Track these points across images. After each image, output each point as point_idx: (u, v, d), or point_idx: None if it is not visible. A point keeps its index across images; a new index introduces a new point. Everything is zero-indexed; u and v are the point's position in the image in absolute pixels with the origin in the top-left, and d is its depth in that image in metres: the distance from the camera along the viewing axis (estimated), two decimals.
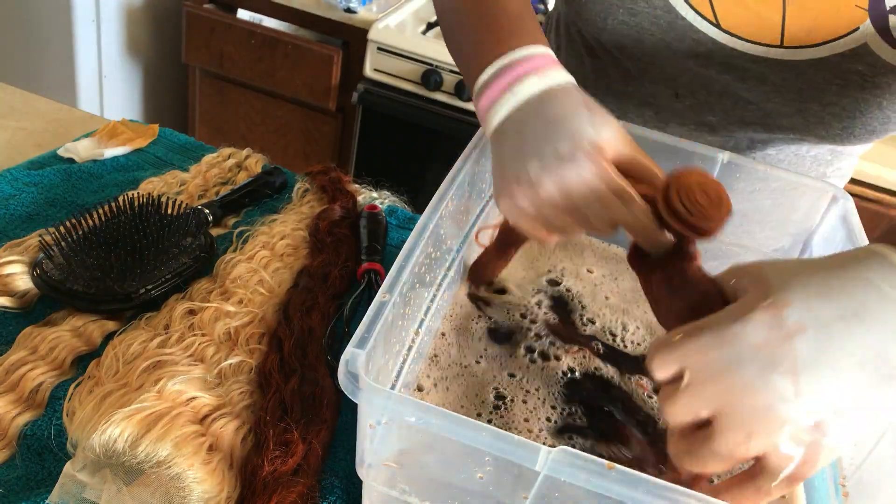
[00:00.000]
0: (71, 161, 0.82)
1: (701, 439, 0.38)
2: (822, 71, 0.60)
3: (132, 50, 2.00)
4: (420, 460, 0.44)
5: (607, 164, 0.47)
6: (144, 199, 0.68)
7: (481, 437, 0.38)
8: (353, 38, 1.80)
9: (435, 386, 0.55)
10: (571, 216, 0.48)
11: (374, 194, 0.85)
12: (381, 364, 0.46)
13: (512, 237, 0.61)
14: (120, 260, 0.62)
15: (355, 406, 0.41)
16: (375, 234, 0.75)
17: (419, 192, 0.97)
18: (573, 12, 0.68)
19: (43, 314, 0.61)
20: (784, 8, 0.58)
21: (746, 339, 0.37)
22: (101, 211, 0.66)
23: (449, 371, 0.56)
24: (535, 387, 0.56)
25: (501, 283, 0.66)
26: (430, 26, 1.82)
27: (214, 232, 0.74)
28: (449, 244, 0.60)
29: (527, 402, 0.55)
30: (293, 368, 0.58)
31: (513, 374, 0.57)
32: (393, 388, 0.50)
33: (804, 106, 0.62)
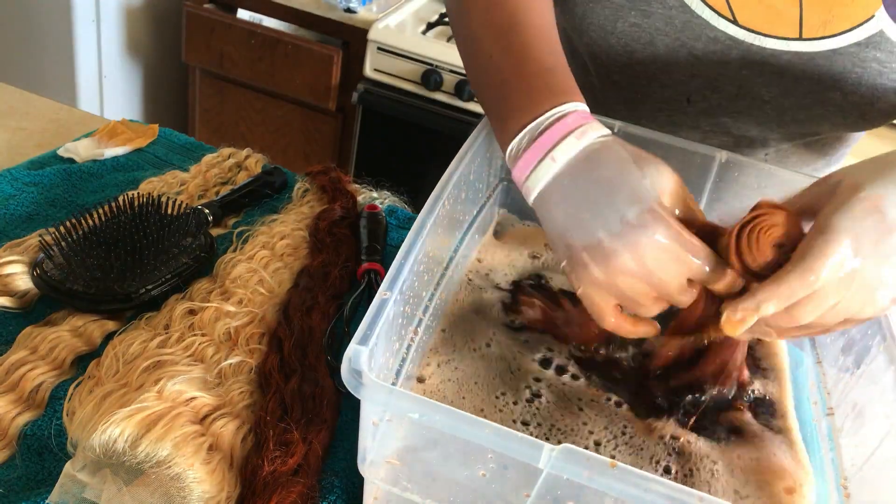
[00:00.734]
0: (71, 161, 0.82)
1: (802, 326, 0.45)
2: (839, 61, 0.60)
3: (132, 50, 2.00)
4: (422, 457, 0.44)
5: (675, 222, 0.46)
6: (144, 199, 0.68)
7: (484, 433, 0.38)
8: (353, 38, 1.80)
9: (435, 381, 0.55)
10: (648, 283, 0.46)
11: (374, 194, 0.85)
12: (382, 361, 0.46)
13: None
14: (120, 260, 0.62)
15: (355, 406, 0.41)
16: (375, 234, 0.75)
17: (419, 192, 0.97)
18: (575, 20, 0.67)
19: (43, 314, 0.61)
20: (801, 1, 0.58)
21: (863, 240, 0.42)
22: (101, 211, 0.66)
23: (448, 368, 0.56)
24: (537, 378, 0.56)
25: None
26: (430, 26, 1.82)
27: (214, 232, 0.74)
28: (448, 242, 0.60)
29: (527, 396, 0.55)
30: (293, 368, 0.58)
31: (514, 371, 0.57)
32: (394, 385, 0.50)
33: (824, 96, 0.63)
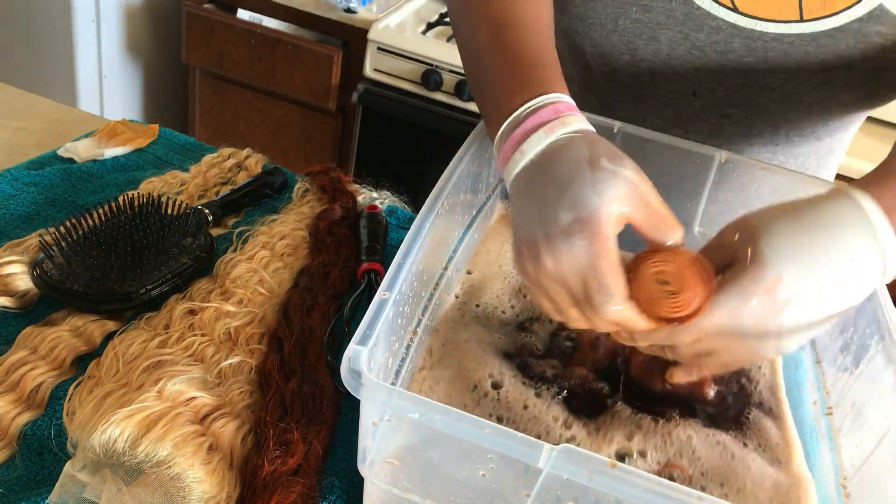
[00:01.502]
0: (71, 161, 0.82)
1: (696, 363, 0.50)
2: (843, 38, 0.61)
3: (132, 50, 2.00)
4: (422, 457, 0.44)
5: (603, 240, 0.45)
6: (144, 199, 0.68)
7: (484, 433, 0.38)
8: (353, 38, 1.80)
9: (438, 381, 0.55)
10: (567, 293, 0.47)
11: (374, 194, 0.85)
12: (382, 361, 0.46)
13: None
14: (120, 260, 0.62)
15: (355, 406, 0.41)
16: (375, 234, 0.75)
17: (419, 192, 0.97)
18: (577, 20, 0.67)
19: (43, 314, 0.61)
20: None
21: (749, 318, 0.45)
22: (101, 211, 0.66)
23: (448, 367, 0.56)
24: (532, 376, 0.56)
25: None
26: (430, 26, 1.82)
27: (214, 232, 0.74)
28: (448, 242, 0.60)
29: (524, 393, 0.55)
30: (293, 368, 0.58)
31: (509, 356, 0.57)
32: (394, 385, 0.50)
33: (830, 76, 0.63)
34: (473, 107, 1.72)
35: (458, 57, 1.88)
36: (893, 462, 0.47)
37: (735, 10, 0.61)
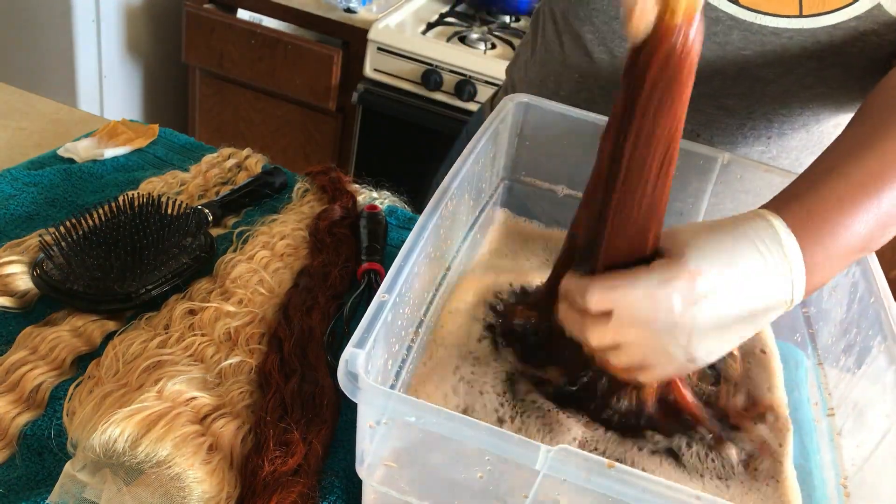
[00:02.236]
0: (71, 161, 0.82)
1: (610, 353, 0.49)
2: (840, 36, 0.61)
3: (132, 50, 2.00)
4: (420, 459, 0.44)
5: None
6: (144, 199, 0.68)
7: (481, 436, 0.38)
8: (353, 38, 1.80)
9: (437, 383, 0.55)
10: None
11: (374, 194, 0.85)
12: (380, 364, 0.46)
13: None
14: (120, 260, 0.62)
15: (355, 406, 0.41)
16: (375, 234, 0.75)
17: (419, 192, 0.97)
18: (577, 5, 0.68)
19: (43, 314, 0.61)
20: None
21: (665, 302, 0.46)
22: (101, 211, 0.66)
23: (447, 369, 0.56)
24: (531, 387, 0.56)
25: None
26: (430, 26, 1.82)
27: (214, 232, 0.74)
28: (449, 244, 0.60)
29: (524, 400, 0.55)
30: (293, 368, 0.58)
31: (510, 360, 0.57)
32: (392, 387, 0.50)
33: (826, 73, 0.64)
34: (473, 107, 1.72)
35: (458, 57, 1.88)
36: (894, 462, 0.47)
37: (736, 2, 0.62)
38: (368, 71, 1.78)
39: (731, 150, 0.69)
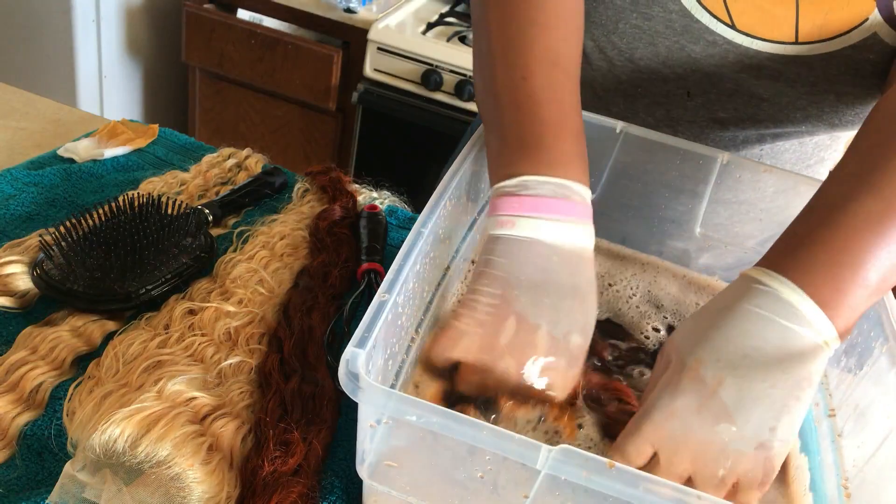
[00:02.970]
0: (71, 161, 0.82)
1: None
2: (834, 63, 0.61)
3: (132, 50, 2.00)
4: (420, 459, 0.44)
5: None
6: (144, 199, 0.68)
7: (482, 435, 0.38)
8: (353, 38, 1.80)
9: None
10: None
11: (374, 194, 0.85)
12: (380, 363, 0.46)
13: None
14: (120, 260, 0.62)
15: (355, 406, 0.41)
16: (375, 234, 0.75)
17: (419, 192, 0.97)
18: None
19: (43, 314, 0.61)
20: (797, 6, 0.60)
21: (686, 407, 0.44)
22: (101, 211, 0.66)
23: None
24: None
25: None
26: (430, 26, 1.82)
27: (214, 232, 0.74)
28: (448, 243, 0.60)
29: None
30: (293, 368, 0.58)
31: None
32: (393, 387, 0.50)
33: (818, 98, 0.63)
34: (473, 107, 1.72)
35: (458, 57, 1.88)
36: (894, 462, 0.47)
37: (732, 26, 0.62)
38: (368, 71, 1.78)
39: None
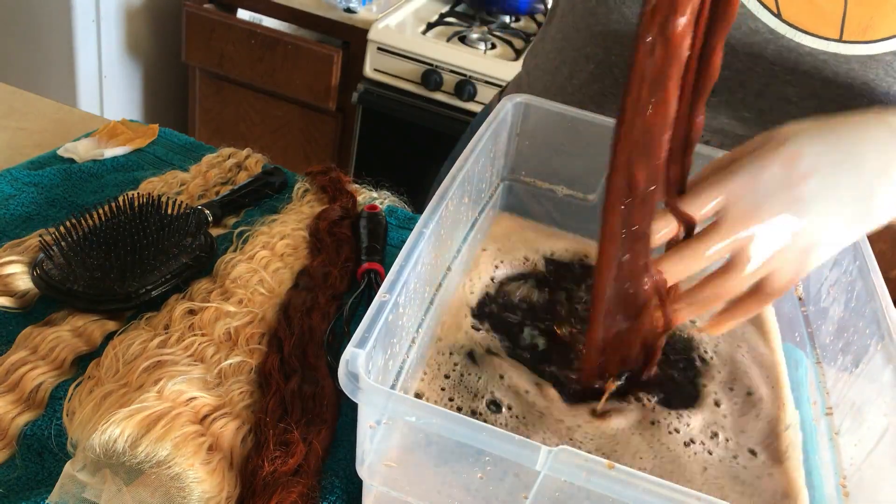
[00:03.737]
0: (71, 161, 0.82)
1: (722, 278, 0.49)
2: (874, 68, 0.61)
3: (132, 50, 2.00)
4: (420, 460, 0.44)
5: None
6: (144, 199, 0.68)
7: (481, 436, 0.38)
8: (353, 38, 1.80)
9: (437, 384, 0.55)
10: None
11: (374, 194, 0.85)
12: (381, 364, 0.46)
13: None
14: (120, 260, 0.62)
15: (356, 406, 0.41)
16: (375, 234, 0.75)
17: (419, 192, 0.97)
18: (605, 6, 0.67)
19: (43, 314, 0.61)
20: (846, 2, 0.59)
21: (770, 181, 0.47)
22: (101, 211, 0.66)
23: (447, 369, 0.56)
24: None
25: None
26: (430, 26, 1.82)
27: (214, 232, 0.74)
28: (449, 244, 0.60)
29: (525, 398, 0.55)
30: (293, 368, 0.58)
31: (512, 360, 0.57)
32: (393, 387, 0.50)
33: (851, 103, 0.63)
34: (473, 107, 1.72)
35: (458, 57, 1.88)
36: (892, 461, 0.47)
37: (778, 15, 0.62)
38: (368, 71, 1.78)
39: None
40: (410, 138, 1.84)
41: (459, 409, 0.54)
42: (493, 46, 1.79)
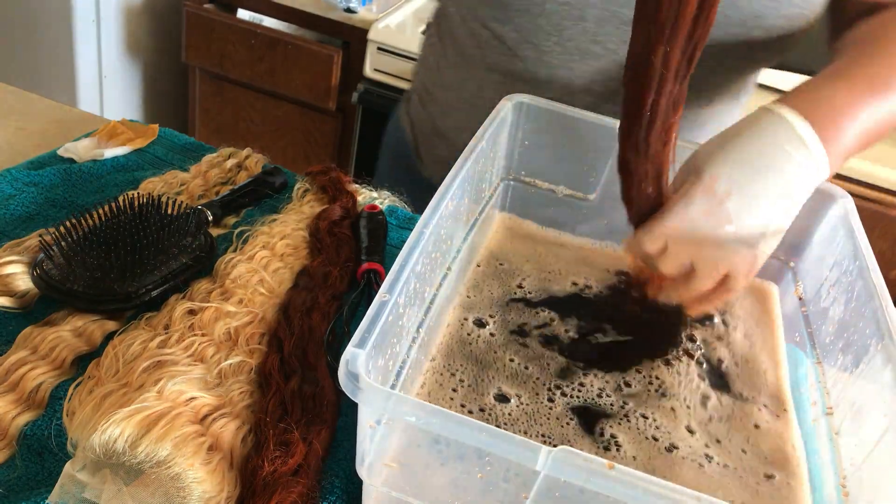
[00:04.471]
0: (71, 161, 0.82)
1: (687, 282, 0.57)
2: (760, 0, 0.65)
3: (132, 50, 2.00)
4: (420, 460, 0.44)
5: None
6: (144, 199, 0.68)
7: (481, 436, 0.38)
8: (353, 38, 1.80)
9: (437, 384, 0.55)
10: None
11: (374, 194, 0.85)
12: (381, 364, 0.46)
13: None
14: (120, 260, 0.62)
15: (356, 406, 0.41)
16: (375, 234, 0.75)
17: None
18: (498, 6, 0.69)
19: (43, 314, 0.61)
20: None
21: (697, 213, 0.54)
22: (101, 211, 0.66)
23: (447, 369, 0.56)
24: (536, 375, 0.56)
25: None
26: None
27: (214, 232, 0.74)
28: (450, 244, 0.60)
29: (528, 397, 0.55)
30: (293, 369, 0.58)
31: (512, 360, 0.57)
32: (393, 387, 0.50)
33: (748, 37, 0.67)
34: None
35: None
36: (892, 461, 0.47)
37: None
38: (368, 71, 1.78)
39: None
40: None
41: (462, 407, 0.54)
42: None
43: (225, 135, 2.05)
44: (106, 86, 1.95)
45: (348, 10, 1.80)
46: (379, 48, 1.74)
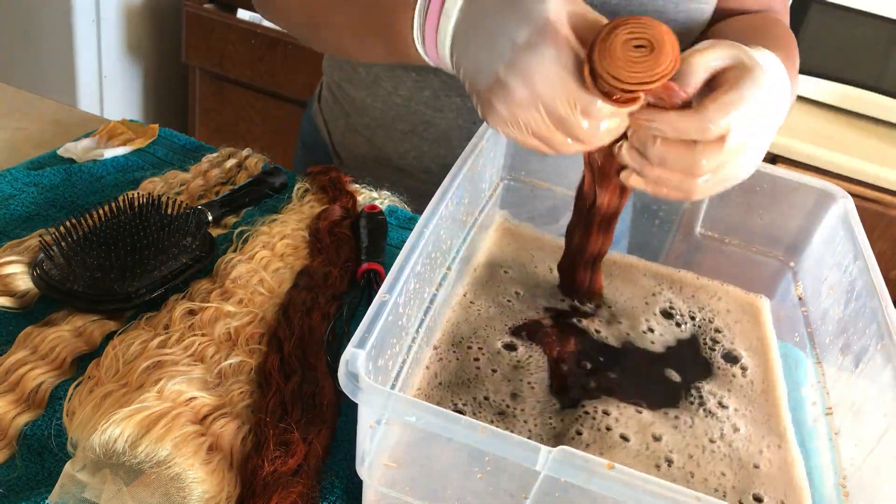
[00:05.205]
0: (71, 161, 0.82)
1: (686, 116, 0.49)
2: None
3: (132, 50, 2.00)
4: (420, 460, 0.44)
5: (569, 39, 0.44)
6: (144, 199, 0.68)
7: (481, 437, 0.38)
8: None
9: (437, 384, 0.55)
10: (541, 111, 0.46)
11: (374, 194, 0.85)
12: (381, 364, 0.46)
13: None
14: (120, 260, 0.62)
15: (356, 406, 0.41)
16: (375, 234, 0.75)
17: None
18: None
19: (43, 314, 0.61)
20: None
21: (766, 92, 0.50)
22: (101, 211, 0.66)
23: (448, 369, 0.57)
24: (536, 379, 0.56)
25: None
26: None
27: (214, 232, 0.74)
28: (449, 244, 0.60)
29: (529, 397, 0.55)
30: (293, 369, 0.58)
31: (517, 367, 0.57)
32: (393, 387, 0.50)
33: (662, 18, 0.66)
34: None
35: None
36: (892, 461, 0.47)
37: None
38: None
39: None
40: None
41: (465, 406, 0.54)
42: None
43: (225, 135, 2.05)
44: (106, 86, 1.95)
45: None
46: None
